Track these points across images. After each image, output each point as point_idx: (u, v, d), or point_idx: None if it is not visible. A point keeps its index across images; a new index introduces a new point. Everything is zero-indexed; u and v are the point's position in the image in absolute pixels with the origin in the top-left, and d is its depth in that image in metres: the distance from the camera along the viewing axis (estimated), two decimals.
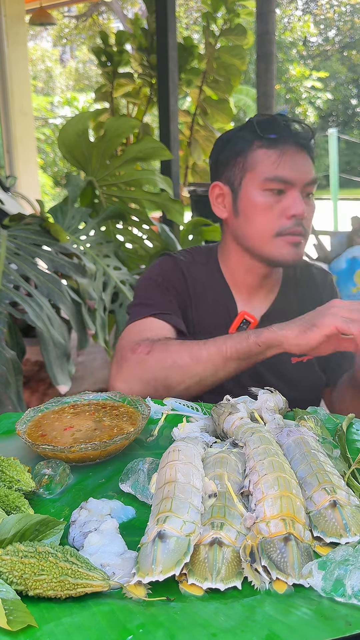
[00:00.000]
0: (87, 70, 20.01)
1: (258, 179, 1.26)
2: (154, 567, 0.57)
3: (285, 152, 1.25)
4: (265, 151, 1.26)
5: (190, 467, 0.68)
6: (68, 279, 2.33)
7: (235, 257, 1.36)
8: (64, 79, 20.15)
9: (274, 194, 1.26)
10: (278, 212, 1.26)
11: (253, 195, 1.27)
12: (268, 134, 1.27)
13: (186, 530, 0.60)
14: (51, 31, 18.76)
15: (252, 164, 1.27)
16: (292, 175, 1.25)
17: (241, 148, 1.29)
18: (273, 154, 1.26)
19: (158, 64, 3.75)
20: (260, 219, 1.27)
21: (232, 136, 1.32)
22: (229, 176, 1.32)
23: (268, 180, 1.25)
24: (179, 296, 1.35)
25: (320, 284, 1.46)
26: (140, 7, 13.60)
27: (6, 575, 0.56)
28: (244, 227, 1.30)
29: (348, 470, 0.76)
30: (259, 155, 1.27)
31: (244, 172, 1.29)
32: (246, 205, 1.29)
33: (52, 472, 0.79)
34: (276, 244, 1.27)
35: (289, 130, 1.27)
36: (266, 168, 1.25)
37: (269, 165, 1.25)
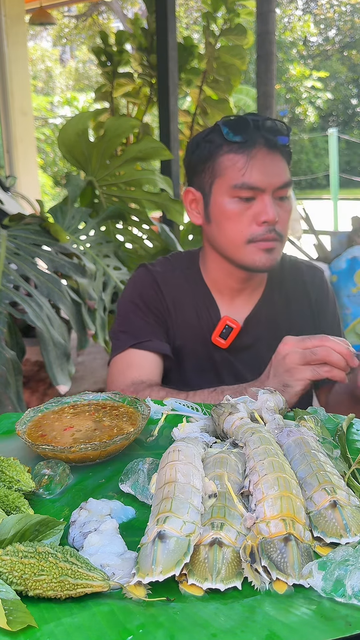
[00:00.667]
0: (87, 70, 20.01)
1: (226, 186, 1.23)
2: (154, 568, 0.57)
3: (252, 157, 1.21)
4: (232, 156, 1.22)
5: (190, 468, 0.68)
6: (68, 279, 2.33)
7: (215, 261, 1.34)
8: (64, 79, 20.15)
9: (243, 200, 1.22)
10: (248, 218, 1.23)
11: (222, 202, 1.24)
12: (235, 137, 1.22)
13: (186, 530, 0.60)
14: (51, 31, 18.76)
15: (220, 170, 1.24)
16: (260, 181, 1.21)
17: (209, 153, 1.25)
18: (240, 159, 1.21)
19: (158, 64, 3.75)
20: (230, 226, 1.24)
21: (201, 140, 1.28)
22: (200, 182, 1.29)
23: (236, 187, 1.21)
24: (156, 312, 1.34)
25: (309, 281, 1.43)
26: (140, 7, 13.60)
27: (6, 575, 0.56)
28: (216, 233, 1.28)
29: (348, 470, 0.76)
30: (226, 161, 1.23)
31: (213, 178, 1.25)
32: (217, 212, 1.26)
33: (52, 472, 0.79)
34: (248, 250, 1.24)
35: (257, 132, 1.22)
36: (234, 174, 1.22)
37: (236, 172, 1.21)
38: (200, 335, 1.34)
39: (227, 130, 1.23)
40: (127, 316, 1.36)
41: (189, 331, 1.35)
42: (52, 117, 14.27)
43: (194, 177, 1.31)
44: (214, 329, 1.33)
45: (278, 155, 1.23)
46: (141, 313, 1.35)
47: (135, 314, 1.35)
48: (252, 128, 1.22)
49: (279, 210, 1.23)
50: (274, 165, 1.22)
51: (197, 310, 1.35)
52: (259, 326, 1.36)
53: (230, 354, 1.34)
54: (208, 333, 1.34)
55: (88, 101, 14.48)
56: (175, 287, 1.37)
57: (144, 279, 1.39)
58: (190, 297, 1.36)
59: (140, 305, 1.35)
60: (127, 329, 1.34)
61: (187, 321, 1.35)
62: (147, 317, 1.34)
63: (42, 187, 9.85)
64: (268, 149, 1.22)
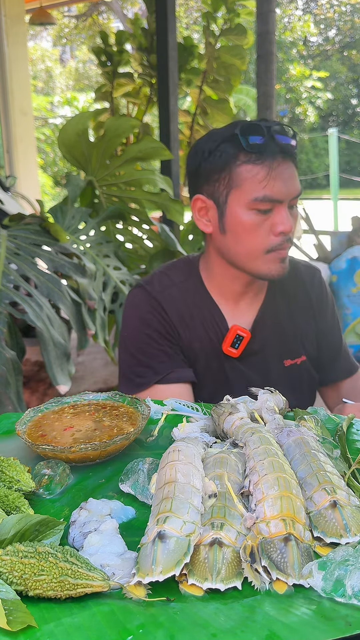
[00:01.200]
0: (87, 70, 20.00)
1: (245, 199, 1.20)
2: (154, 568, 0.57)
3: (273, 169, 1.18)
4: (251, 167, 1.19)
5: (190, 468, 0.68)
6: (68, 279, 2.33)
7: (220, 268, 1.32)
8: (64, 79, 20.15)
9: (261, 212, 1.20)
10: (266, 229, 1.21)
11: (240, 213, 1.21)
12: (253, 147, 1.18)
13: (186, 530, 0.60)
14: (51, 31, 18.75)
15: (237, 181, 1.20)
16: (280, 193, 1.19)
17: (225, 162, 1.21)
18: (260, 171, 1.18)
19: (158, 64, 3.75)
20: (249, 238, 1.22)
21: (214, 148, 1.23)
22: (212, 191, 1.25)
23: (256, 200, 1.19)
24: (168, 337, 1.31)
25: (308, 281, 1.42)
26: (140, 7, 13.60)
27: (6, 575, 0.56)
28: (231, 244, 1.26)
29: (348, 470, 0.76)
30: (245, 172, 1.19)
31: (229, 189, 1.22)
32: (233, 223, 1.23)
33: (52, 472, 0.79)
34: (265, 260, 1.23)
35: (274, 142, 1.19)
36: (254, 187, 1.19)
37: (256, 184, 1.18)
38: (210, 347, 1.32)
39: (246, 141, 1.19)
40: (141, 348, 1.31)
41: (198, 345, 1.32)
42: (52, 117, 14.26)
43: (205, 185, 1.26)
44: (223, 339, 1.31)
45: (291, 163, 1.21)
46: (155, 343, 1.30)
47: (149, 345, 1.30)
48: (268, 138, 1.19)
49: (290, 217, 1.23)
50: (290, 176, 1.20)
51: (204, 322, 1.32)
52: (265, 330, 1.35)
53: (241, 362, 1.32)
54: (218, 344, 1.31)
55: (88, 101, 14.48)
56: (177, 304, 1.33)
57: (145, 303, 1.33)
58: (194, 310, 1.33)
59: (151, 334, 1.31)
60: (146, 363, 1.30)
61: (195, 336, 1.32)
62: (161, 345, 1.30)
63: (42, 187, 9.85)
64: (283, 158, 1.19)
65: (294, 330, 1.38)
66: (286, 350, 1.36)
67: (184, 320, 1.32)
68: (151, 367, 1.29)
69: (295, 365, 1.36)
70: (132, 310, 1.36)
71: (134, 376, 1.30)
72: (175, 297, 1.33)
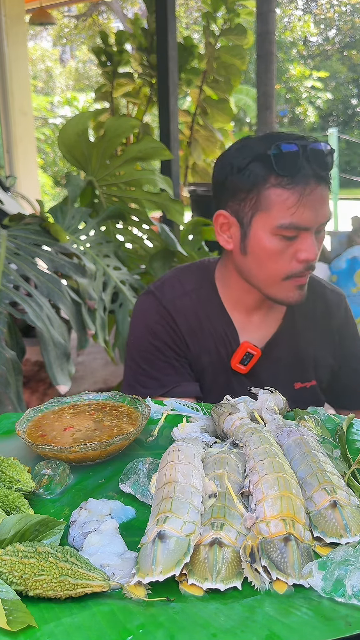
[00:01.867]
0: (87, 70, 20.00)
1: (271, 223, 1.14)
2: (154, 568, 0.57)
3: (304, 195, 1.11)
4: (281, 192, 1.12)
5: (190, 468, 0.68)
6: (68, 279, 2.33)
7: (236, 280, 1.28)
8: (64, 79, 20.15)
9: (285, 238, 1.14)
10: (289, 256, 1.16)
11: (264, 238, 1.16)
12: (286, 171, 1.11)
13: (186, 530, 0.60)
14: (51, 31, 18.75)
15: (265, 204, 1.14)
16: (308, 221, 1.13)
17: (254, 183, 1.14)
18: (290, 197, 1.11)
19: (158, 64, 3.75)
20: (270, 263, 1.17)
21: (243, 166, 1.15)
22: (237, 209, 1.19)
23: (283, 227, 1.13)
24: (175, 349, 1.28)
25: (334, 306, 1.37)
26: (140, 7, 13.60)
27: (6, 575, 0.56)
28: (251, 266, 1.21)
29: (348, 470, 0.76)
30: (274, 196, 1.12)
31: (255, 210, 1.16)
32: (256, 246, 1.18)
33: (52, 472, 0.79)
34: (283, 286, 1.19)
35: (308, 165, 1.11)
36: (281, 213, 1.12)
37: (284, 211, 1.12)
38: (219, 361, 1.28)
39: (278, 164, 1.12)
40: (148, 359, 1.29)
41: (207, 358, 1.29)
42: (52, 117, 14.26)
43: (230, 201, 1.20)
44: (233, 354, 1.27)
45: (325, 187, 1.14)
46: (161, 355, 1.28)
47: (156, 356, 1.28)
48: (302, 162, 1.11)
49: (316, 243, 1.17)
50: (321, 202, 1.13)
51: (215, 335, 1.29)
52: (279, 351, 1.30)
53: (249, 378, 1.27)
54: (227, 358, 1.28)
55: (88, 101, 14.48)
56: (188, 313, 1.29)
57: (154, 311, 1.30)
58: (205, 321, 1.29)
59: (158, 345, 1.28)
60: (152, 374, 1.28)
61: (204, 348, 1.29)
62: (168, 358, 1.27)
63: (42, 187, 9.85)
64: (317, 183, 1.12)
65: (309, 354, 1.33)
66: (298, 373, 1.32)
67: (193, 332, 1.28)
68: (157, 378, 1.27)
69: (304, 388, 1.32)
70: (140, 318, 1.32)
71: (139, 386, 1.28)
72: (186, 306, 1.29)
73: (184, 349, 1.29)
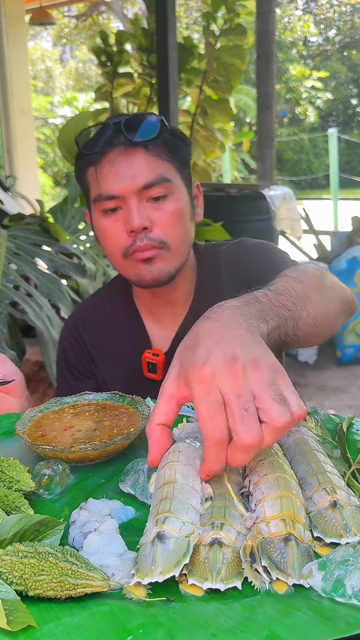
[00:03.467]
0: (87, 70, 20.00)
1: (91, 201, 1.15)
2: (153, 568, 0.57)
3: (102, 165, 1.10)
4: (91, 169, 1.13)
5: (190, 469, 0.68)
6: (68, 279, 2.34)
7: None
8: (64, 79, 20.15)
9: (109, 213, 1.12)
10: (118, 231, 1.12)
11: (95, 219, 1.15)
12: (88, 149, 1.13)
13: (185, 531, 0.60)
14: (51, 31, 18.75)
15: (88, 187, 1.16)
16: (113, 188, 1.09)
17: (80, 172, 1.18)
18: (93, 171, 1.12)
19: (158, 64, 3.75)
20: (106, 243, 1.15)
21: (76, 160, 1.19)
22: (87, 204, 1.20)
23: (95, 201, 1.12)
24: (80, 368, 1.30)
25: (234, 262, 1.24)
26: (140, 7, 13.60)
27: (6, 575, 0.56)
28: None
29: (348, 470, 0.76)
30: (89, 176, 1.15)
31: (88, 198, 1.17)
32: (96, 231, 1.17)
33: (52, 472, 0.79)
34: (127, 265, 1.14)
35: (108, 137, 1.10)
36: (93, 188, 1.13)
37: (94, 185, 1.13)
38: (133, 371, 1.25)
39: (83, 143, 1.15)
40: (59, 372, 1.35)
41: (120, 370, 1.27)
42: (52, 117, 14.26)
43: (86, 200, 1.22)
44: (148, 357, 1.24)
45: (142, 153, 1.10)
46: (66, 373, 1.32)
47: (61, 374, 1.34)
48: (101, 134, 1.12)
49: (153, 213, 1.11)
50: (129, 167, 1.09)
51: (128, 345, 1.27)
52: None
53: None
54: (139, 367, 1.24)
55: (88, 101, 14.48)
56: (98, 330, 1.29)
57: (68, 329, 1.33)
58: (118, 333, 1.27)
59: (64, 365, 1.32)
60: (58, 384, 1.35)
61: (116, 362, 1.27)
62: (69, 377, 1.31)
63: (42, 187, 9.85)
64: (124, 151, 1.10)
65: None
66: None
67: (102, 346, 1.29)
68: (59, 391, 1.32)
69: None
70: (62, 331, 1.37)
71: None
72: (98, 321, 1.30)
73: (92, 367, 1.30)
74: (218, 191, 4.69)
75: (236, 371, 0.60)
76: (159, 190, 1.10)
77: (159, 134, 1.11)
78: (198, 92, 5.31)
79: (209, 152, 5.56)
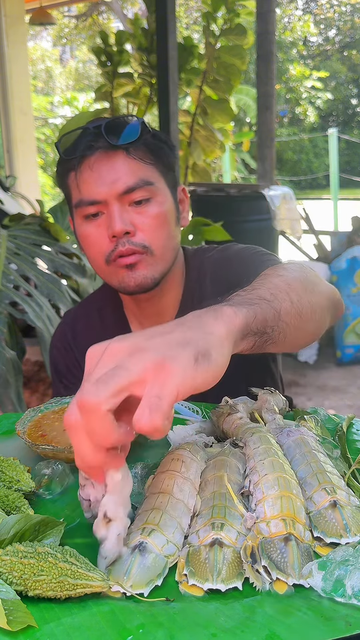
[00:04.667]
0: (87, 70, 20.00)
1: (73, 208, 1.12)
2: (125, 579, 0.57)
3: (82, 170, 1.07)
4: (72, 174, 1.10)
5: (189, 485, 0.68)
6: (68, 279, 2.34)
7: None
8: (64, 79, 20.14)
9: (90, 219, 1.09)
10: (100, 237, 1.09)
11: (77, 225, 1.13)
12: (68, 154, 1.10)
13: (167, 550, 0.60)
14: (51, 31, 18.75)
15: (69, 193, 1.13)
16: (94, 192, 1.07)
17: (61, 178, 1.14)
18: (73, 176, 1.10)
19: (158, 64, 3.75)
20: (89, 249, 1.12)
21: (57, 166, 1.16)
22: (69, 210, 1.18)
23: (77, 207, 1.10)
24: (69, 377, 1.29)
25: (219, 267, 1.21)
26: (140, 7, 13.60)
27: (6, 575, 0.56)
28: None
29: (348, 470, 0.76)
30: (70, 181, 1.12)
31: (70, 204, 1.15)
32: (78, 237, 1.15)
33: (52, 472, 0.79)
34: (110, 271, 1.11)
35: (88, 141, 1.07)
36: (74, 194, 1.11)
37: (75, 190, 1.10)
38: None
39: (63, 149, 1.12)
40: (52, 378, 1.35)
41: None
42: (52, 117, 14.25)
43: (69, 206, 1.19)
44: None
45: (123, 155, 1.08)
46: (57, 383, 1.31)
47: (54, 383, 1.34)
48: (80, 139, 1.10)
49: (135, 217, 1.08)
50: (109, 171, 1.07)
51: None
52: None
53: None
54: None
55: (88, 101, 14.47)
56: (86, 338, 1.26)
57: (57, 335, 1.32)
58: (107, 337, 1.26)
59: (54, 375, 1.32)
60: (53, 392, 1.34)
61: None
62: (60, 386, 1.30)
63: (42, 187, 9.85)
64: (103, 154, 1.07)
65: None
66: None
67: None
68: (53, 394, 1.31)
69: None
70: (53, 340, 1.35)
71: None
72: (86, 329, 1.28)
73: (79, 374, 1.27)
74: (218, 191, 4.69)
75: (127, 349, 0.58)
76: (142, 193, 1.07)
77: (140, 136, 1.09)
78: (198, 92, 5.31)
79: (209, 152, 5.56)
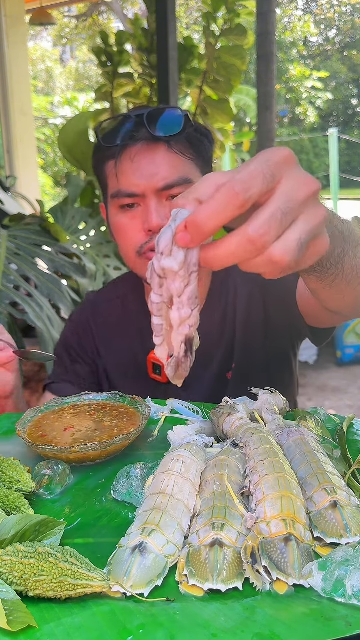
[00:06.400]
0: (87, 70, 20.00)
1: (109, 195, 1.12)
2: (125, 579, 0.57)
3: (122, 160, 1.07)
4: (110, 163, 1.10)
5: (189, 485, 0.68)
6: (68, 279, 2.34)
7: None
8: (64, 79, 20.15)
9: (126, 209, 1.09)
10: (134, 228, 1.09)
11: (112, 214, 1.13)
12: (107, 141, 1.09)
13: (167, 550, 0.60)
14: (51, 31, 18.75)
15: (105, 181, 1.14)
16: (132, 185, 1.06)
17: (98, 164, 1.15)
18: (113, 165, 1.09)
19: (158, 64, 3.75)
20: (121, 239, 1.13)
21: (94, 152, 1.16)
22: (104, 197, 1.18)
23: (113, 197, 1.10)
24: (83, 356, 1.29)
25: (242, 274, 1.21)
26: (140, 7, 13.60)
27: (6, 575, 0.56)
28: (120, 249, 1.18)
29: (348, 470, 0.76)
30: (107, 169, 1.12)
31: (105, 192, 1.15)
32: (111, 226, 1.15)
33: (52, 472, 0.79)
34: (141, 263, 1.11)
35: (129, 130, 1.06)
36: (112, 183, 1.10)
37: (112, 180, 1.10)
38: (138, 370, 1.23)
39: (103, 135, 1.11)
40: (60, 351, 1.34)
41: (123, 367, 1.26)
42: (52, 117, 14.26)
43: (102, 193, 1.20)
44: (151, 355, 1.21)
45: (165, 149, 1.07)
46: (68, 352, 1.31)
47: (61, 357, 1.32)
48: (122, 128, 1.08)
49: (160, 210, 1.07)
50: (151, 165, 1.06)
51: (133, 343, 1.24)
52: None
53: (170, 384, 1.18)
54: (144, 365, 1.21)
55: (88, 101, 14.47)
56: (108, 322, 1.27)
57: (79, 315, 1.33)
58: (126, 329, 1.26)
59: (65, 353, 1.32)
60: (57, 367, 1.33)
61: (119, 360, 1.26)
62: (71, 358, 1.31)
63: (42, 187, 9.85)
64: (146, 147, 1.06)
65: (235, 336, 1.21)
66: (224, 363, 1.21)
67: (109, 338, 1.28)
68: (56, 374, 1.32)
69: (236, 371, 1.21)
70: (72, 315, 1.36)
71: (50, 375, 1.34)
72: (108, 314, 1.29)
73: (95, 358, 1.29)
74: None
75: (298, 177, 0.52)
76: (179, 190, 1.07)
77: (183, 129, 1.07)
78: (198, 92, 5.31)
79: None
